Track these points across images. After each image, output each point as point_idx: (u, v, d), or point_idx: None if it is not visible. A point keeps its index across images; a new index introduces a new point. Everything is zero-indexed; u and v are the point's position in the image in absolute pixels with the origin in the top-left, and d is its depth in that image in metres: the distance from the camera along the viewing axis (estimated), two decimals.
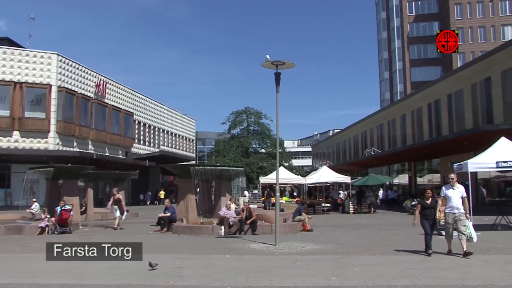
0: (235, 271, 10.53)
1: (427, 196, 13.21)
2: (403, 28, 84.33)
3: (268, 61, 15.27)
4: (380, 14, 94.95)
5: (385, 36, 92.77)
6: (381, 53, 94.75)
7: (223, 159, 73.46)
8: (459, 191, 12.90)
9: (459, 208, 12.77)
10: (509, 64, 32.17)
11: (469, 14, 75.63)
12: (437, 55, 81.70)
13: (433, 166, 45.18)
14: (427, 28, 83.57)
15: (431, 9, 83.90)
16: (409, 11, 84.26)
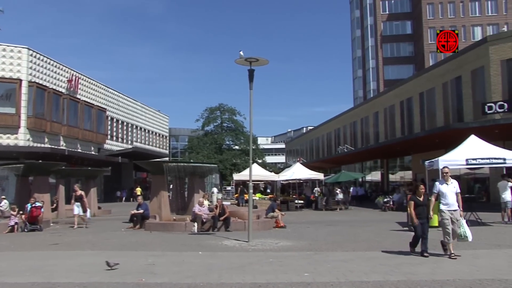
0: (208, 268, 10.50)
1: (420, 193, 12.08)
2: (377, 27, 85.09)
3: (241, 58, 15.23)
4: (354, 12, 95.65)
5: (358, 35, 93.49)
6: (355, 51, 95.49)
7: (196, 156, 73.22)
8: (454, 186, 12.05)
9: (455, 205, 11.87)
10: (478, 63, 32.66)
11: (441, 14, 76.65)
12: (410, 54, 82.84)
13: (405, 163, 45.69)
14: (400, 27, 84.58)
15: (404, 8, 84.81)
16: (382, 9, 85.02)
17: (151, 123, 73.21)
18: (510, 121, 26.80)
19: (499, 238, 15.09)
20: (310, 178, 39.58)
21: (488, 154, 19.06)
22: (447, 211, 11.76)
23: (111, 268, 10.10)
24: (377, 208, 33.16)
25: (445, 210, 11.80)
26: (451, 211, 11.75)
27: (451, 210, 11.76)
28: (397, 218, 23.22)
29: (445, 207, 11.84)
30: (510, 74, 31.00)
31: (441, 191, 12.02)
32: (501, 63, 31.21)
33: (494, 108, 29.93)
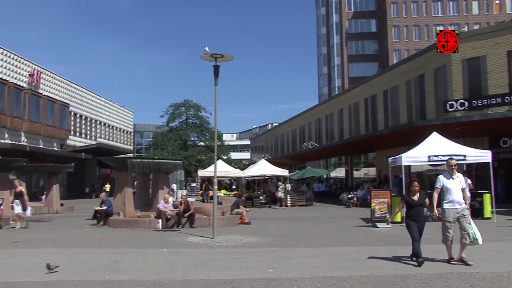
0: (172, 265, 10.45)
1: (413, 190, 10.57)
2: (342, 24, 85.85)
3: (207, 54, 15.19)
4: (320, 10, 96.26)
5: (324, 32, 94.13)
6: (320, 48, 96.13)
7: (161, 152, 72.67)
8: (460, 181, 10.52)
9: (461, 202, 10.34)
10: (441, 62, 33.22)
11: (405, 13, 77.81)
12: (374, 52, 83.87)
13: (369, 160, 46.25)
14: (365, 25, 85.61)
15: (369, 6, 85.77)
16: (348, 7, 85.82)
17: (115, 118, 72.42)
18: (470, 118, 27.36)
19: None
20: (275, 174, 39.71)
21: (449, 151, 19.40)
22: (451, 209, 10.32)
23: (51, 271, 9.60)
24: (341, 204, 33.49)
25: (449, 208, 10.35)
26: (457, 209, 10.28)
27: (456, 208, 10.29)
28: (361, 214, 23.51)
29: (449, 205, 10.38)
30: (471, 73, 31.62)
31: (446, 186, 10.52)
32: (462, 62, 31.80)
33: (455, 106, 30.49)
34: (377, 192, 19.60)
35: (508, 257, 10.82)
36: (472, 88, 31.53)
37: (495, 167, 24.54)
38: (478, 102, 29.81)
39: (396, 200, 19.43)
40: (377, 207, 18.56)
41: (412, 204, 10.41)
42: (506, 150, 29.72)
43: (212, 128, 76.84)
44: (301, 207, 33.14)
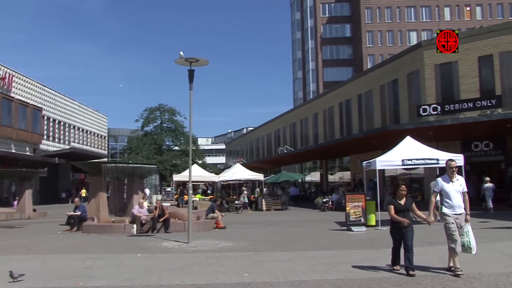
0: (147, 270, 10.39)
1: (400, 194, 9.76)
2: (317, 29, 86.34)
3: (181, 58, 15.17)
4: (295, 14, 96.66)
5: (299, 36, 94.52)
6: (295, 52, 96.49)
7: (135, 157, 72.17)
8: (460, 184, 9.67)
9: (460, 207, 9.58)
10: (414, 67, 33.63)
11: (379, 18, 78.64)
12: (348, 56, 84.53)
13: (344, 164, 46.54)
14: (340, 30, 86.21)
15: (344, 11, 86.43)
16: (322, 12, 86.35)
17: (89, 123, 71.74)
18: (443, 123, 27.73)
19: (432, 236, 15.57)
20: (250, 178, 39.72)
21: (423, 155, 19.64)
22: (452, 215, 9.49)
23: (14, 281, 9.19)
24: (316, 208, 33.61)
25: (449, 213, 9.51)
26: (456, 214, 9.51)
27: (456, 213, 9.51)
28: (336, 217, 23.62)
29: (449, 210, 9.55)
30: (443, 78, 32.06)
31: (445, 190, 9.70)
32: (434, 67, 32.23)
33: (428, 110, 30.87)
34: (351, 196, 19.72)
35: (479, 259, 10.97)
36: (444, 93, 31.96)
37: (467, 171, 24.88)
38: (451, 107, 30.23)
39: (371, 204, 19.62)
40: (351, 210, 18.67)
41: (399, 208, 9.62)
42: (478, 154, 30.19)
43: (187, 132, 76.55)
44: (276, 211, 33.21)
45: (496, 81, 29.70)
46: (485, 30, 32.33)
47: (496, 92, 29.35)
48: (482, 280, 8.74)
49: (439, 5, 77.85)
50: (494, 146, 29.78)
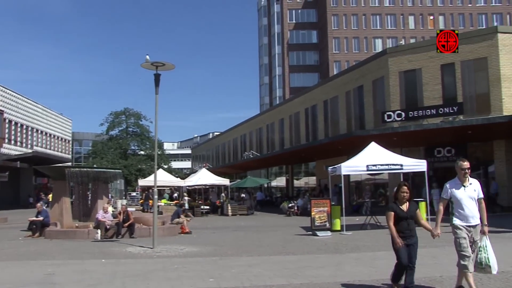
0: (111, 276, 10.29)
1: (401, 198, 8.01)
2: (284, 35, 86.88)
3: (148, 62, 15.12)
4: (262, 20, 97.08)
5: (266, 42, 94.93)
6: (262, 58, 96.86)
7: (100, 161, 71.32)
8: (474, 189, 7.93)
9: (475, 217, 7.88)
10: (379, 74, 34.07)
11: (345, 25, 79.68)
12: (315, 62, 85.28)
13: (310, 169, 46.81)
14: (306, 36, 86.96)
15: (310, 18, 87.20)
16: (289, 18, 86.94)
17: (53, 126, 70.60)
18: (407, 129, 28.16)
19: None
20: (216, 183, 39.66)
21: (387, 161, 19.91)
22: (464, 227, 7.86)
23: None
24: (282, 213, 33.73)
25: (461, 225, 7.87)
26: (469, 226, 7.86)
27: (469, 225, 7.86)
28: (301, 222, 23.75)
29: (461, 221, 7.88)
30: (407, 85, 32.54)
31: (455, 196, 7.95)
32: (399, 74, 32.70)
33: (392, 116, 31.29)
34: (317, 201, 19.87)
35: (440, 262, 11.18)
36: (408, 100, 32.44)
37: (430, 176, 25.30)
38: (414, 113, 30.70)
39: (336, 209, 19.77)
40: (317, 216, 18.81)
41: (400, 216, 7.87)
42: (440, 160, 30.72)
43: (152, 137, 76.02)
44: (242, 216, 33.21)
45: (458, 88, 30.30)
46: None
47: (458, 100, 29.93)
48: (444, 283, 8.90)
49: (404, 14, 79.38)
50: (456, 152, 30.34)
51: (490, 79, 28.89)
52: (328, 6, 79.67)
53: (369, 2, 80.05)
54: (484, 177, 28.99)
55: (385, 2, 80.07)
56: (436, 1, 79.74)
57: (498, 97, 28.44)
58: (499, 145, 28.55)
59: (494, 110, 28.22)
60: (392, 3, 79.94)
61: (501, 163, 28.42)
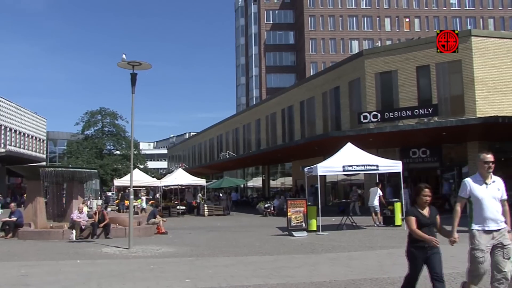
0: (87, 277, 10.19)
1: (422, 202, 6.71)
2: (261, 36, 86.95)
3: (124, 61, 15.02)
4: (239, 20, 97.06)
5: (243, 42, 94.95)
6: (239, 58, 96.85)
7: (75, 161, 70.55)
8: (498, 188, 6.75)
9: (498, 221, 6.67)
10: (355, 75, 34.32)
11: (322, 26, 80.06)
12: (291, 63, 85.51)
13: (286, 170, 46.95)
14: (283, 36, 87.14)
15: (288, 19, 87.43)
16: (266, 19, 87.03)
17: (27, 125, 69.75)
18: (383, 130, 28.41)
19: (372, 240, 15.93)
20: (192, 184, 39.53)
21: (363, 161, 20.04)
22: (484, 232, 6.65)
23: None
24: (258, 213, 33.74)
25: (479, 230, 6.68)
26: (491, 231, 6.64)
27: (492, 230, 6.64)
28: (277, 223, 23.78)
29: (480, 225, 6.71)
30: (383, 86, 32.83)
31: (475, 195, 6.76)
32: (375, 75, 32.98)
33: (368, 117, 31.51)
34: (293, 202, 19.91)
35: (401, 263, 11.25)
36: (384, 101, 32.72)
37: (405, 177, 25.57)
38: (390, 114, 30.97)
39: (312, 209, 19.86)
40: (293, 216, 18.86)
41: (422, 222, 6.64)
42: (415, 161, 31.05)
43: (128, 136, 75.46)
44: (219, 217, 33.15)
45: (433, 90, 30.66)
46: (422, 41, 33.33)
47: (433, 101, 30.28)
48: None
49: (380, 16, 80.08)
50: (430, 153, 30.70)
51: (464, 82, 29.29)
52: (305, 7, 79.97)
53: (345, 3, 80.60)
54: (458, 178, 29.38)
55: (361, 4, 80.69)
56: (412, 4, 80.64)
57: (472, 99, 28.84)
58: (473, 147, 28.96)
59: (468, 112, 28.62)
60: (368, 5, 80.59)
61: (474, 164, 28.69)
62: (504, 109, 28.58)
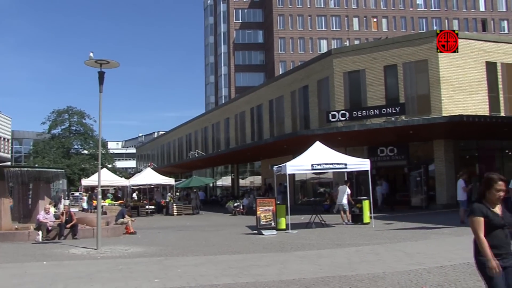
0: (53, 279, 10.04)
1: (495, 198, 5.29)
2: (230, 34, 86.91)
3: (92, 60, 14.85)
4: (208, 19, 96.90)
5: (212, 41, 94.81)
6: (208, 57, 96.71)
7: (42, 160, 69.57)
8: None
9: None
10: (324, 74, 34.49)
11: (291, 25, 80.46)
12: (260, 62, 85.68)
13: (255, 168, 46.98)
14: (252, 35, 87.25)
15: (257, 18, 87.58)
16: (235, 18, 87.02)
17: None
18: (351, 128, 28.63)
19: (340, 238, 16.05)
20: (161, 183, 39.33)
21: (332, 160, 20.16)
22: None
23: None
24: (227, 212, 33.73)
25: None
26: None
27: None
28: (247, 222, 23.81)
29: None
30: (351, 85, 33.07)
31: None
32: (343, 74, 33.19)
33: (337, 116, 31.67)
34: (262, 200, 19.93)
35: (383, 259, 11.43)
36: (352, 100, 32.95)
37: (373, 175, 25.85)
38: (358, 113, 31.18)
39: (281, 208, 19.91)
40: (262, 215, 18.89)
41: (495, 224, 5.20)
42: (383, 159, 31.39)
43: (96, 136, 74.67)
44: (188, 216, 33.05)
45: (400, 89, 31.00)
46: (390, 41, 33.69)
47: (400, 100, 30.61)
48: (386, 279, 9.09)
49: (349, 15, 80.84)
50: (398, 151, 31.07)
51: (430, 81, 29.69)
52: (274, 6, 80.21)
53: (314, 3, 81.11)
54: (425, 176, 29.82)
55: (330, 3, 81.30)
56: (380, 4, 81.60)
57: (438, 98, 29.27)
58: (439, 145, 29.42)
59: (434, 111, 29.04)
60: (337, 5, 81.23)
61: (440, 162, 29.28)
62: (468, 108, 29.10)
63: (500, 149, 31.88)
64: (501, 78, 30.76)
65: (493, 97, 30.35)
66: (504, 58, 30.98)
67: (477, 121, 26.20)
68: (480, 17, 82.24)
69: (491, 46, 30.12)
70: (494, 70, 30.67)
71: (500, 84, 30.70)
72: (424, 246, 13.33)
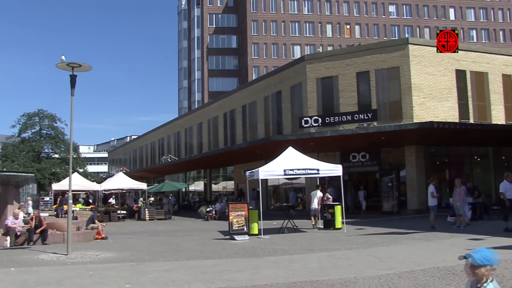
0: (21, 285, 9.89)
1: None
2: (203, 39, 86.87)
3: (63, 63, 14.72)
4: (182, 23, 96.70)
5: (185, 46, 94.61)
6: (181, 61, 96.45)
7: (11, 164, 68.41)
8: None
9: None
10: (297, 80, 34.65)
11: (264, 31, 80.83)
12: (234, 67, 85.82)
13: (228, 174, 46.93)
14: (226, 40, 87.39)
15: (231, 23, 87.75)
16: (209, 23, 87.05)
17: None
18: (323, 134, 28.82)
19: (312, 243, 16.11)
20: (133, 188, 39.05)
21: (304, 165, 20.24)
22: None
23: None
24: (200, 217, 33.63)
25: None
26: None
27: None
28: (219, 227, 23.77)
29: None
30: (324, 91, 33.26)
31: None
32: (316, 80, 33.38)
33: (310, 122, 31.84)
34: (234, 205, 19.91)
35: (355, 263, 11.51)
36: (325, 106, 33.14)
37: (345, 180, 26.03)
38: (331, 119, 31.40)
39: (254, 213, 19.92)
40: (235, 220, 18.87)
41: None
42: (355, 165, 31.64)
43: (67, 139, 73.81)
44: (160, 221, 32.85)
45: (372, 96, 31.31)
46: (363, 48, 34.05)
47: (372, 106, 30.91)
48: (357, 284, 9.16)
49: (322, 22, 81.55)
50: (370, 157, 31.35)
51: (402, 88, 30.04)
52: (248, 11, 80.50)
53: (288, 9, 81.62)
54: (396, 181, 30.16)
55: (304, 10, 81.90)
56: (353, 11, 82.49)
57: (409, 105, 29.63)
58: (410, 151, 29.77)
59: (406, 117, 29.38)
60: (310, 11, 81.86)
61: (411, 168, 29.62)
62: (439, 114, 29.52)
63: (469, 155, 32.47)
64: (470, 85, 31.33)
65: (462, 104, 30.87)
66: (473, 67, 31.59)
67: (447, 128, 26.63)
68: (450, 26, 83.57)
69: (461, 54, 30.61)
70: (464, 78, 31.22)
71: (469, 91, 31.25)
72: (395, 251, 13.46)
